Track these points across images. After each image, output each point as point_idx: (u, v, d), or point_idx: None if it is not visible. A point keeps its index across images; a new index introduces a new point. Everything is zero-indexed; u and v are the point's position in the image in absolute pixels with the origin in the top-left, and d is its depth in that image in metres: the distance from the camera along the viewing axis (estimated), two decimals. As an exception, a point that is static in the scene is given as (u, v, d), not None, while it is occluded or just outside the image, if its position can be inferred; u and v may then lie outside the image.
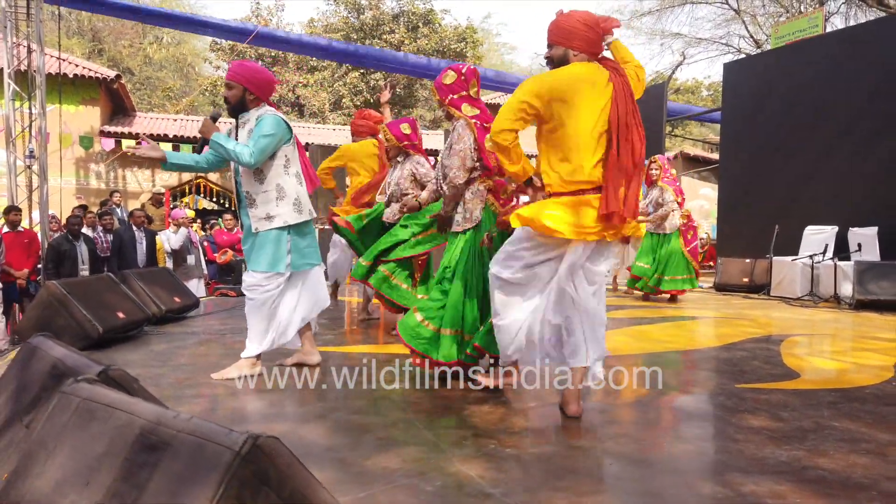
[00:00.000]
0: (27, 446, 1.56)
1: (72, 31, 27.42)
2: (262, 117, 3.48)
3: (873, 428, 2.71)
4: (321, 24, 25.61)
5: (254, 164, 3.39)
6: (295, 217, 3.55)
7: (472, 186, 3.51)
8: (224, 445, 1.13)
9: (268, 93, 3.61)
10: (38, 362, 1.94)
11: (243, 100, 3.53)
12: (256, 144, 3.38)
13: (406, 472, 2.16)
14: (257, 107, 3.56)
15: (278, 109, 3.67)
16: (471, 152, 3.41)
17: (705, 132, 31.56)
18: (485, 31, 33.19)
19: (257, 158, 3.39)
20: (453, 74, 3.56)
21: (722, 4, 22.43)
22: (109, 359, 4.02)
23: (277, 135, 3.44)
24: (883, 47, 8.55)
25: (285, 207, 3.52)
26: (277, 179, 3.52)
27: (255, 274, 3.54)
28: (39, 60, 9.36)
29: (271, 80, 3.64)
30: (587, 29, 2.78)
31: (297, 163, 3.64)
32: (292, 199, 3.54)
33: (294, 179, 3.58)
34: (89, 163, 15.71)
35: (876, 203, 8.37)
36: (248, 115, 3.56)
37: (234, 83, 3.52)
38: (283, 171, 3.54)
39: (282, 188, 3.52)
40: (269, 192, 3.51)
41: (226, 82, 3.57)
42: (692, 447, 2.52)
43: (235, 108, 3.56)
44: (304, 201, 3.61)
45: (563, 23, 2.81)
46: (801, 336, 5.36)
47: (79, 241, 7.71)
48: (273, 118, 3.46)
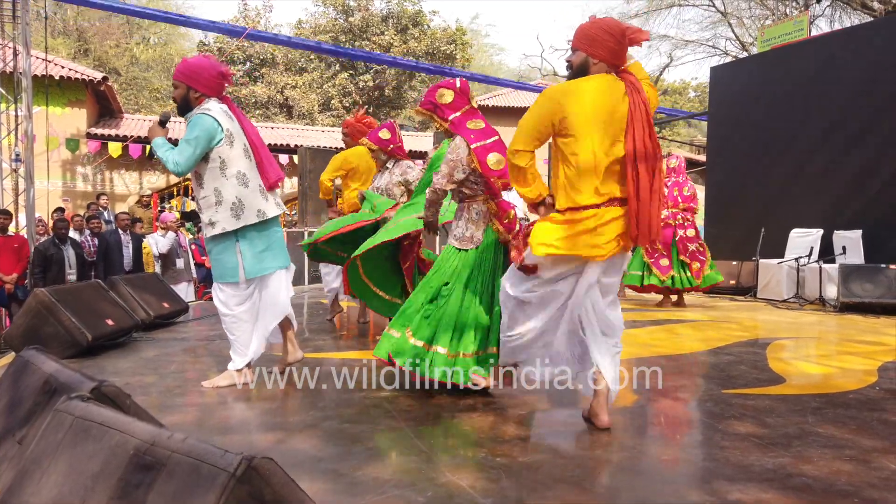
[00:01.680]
0: (21, 464, 1.56)
1: (57, 31, 27.17)
2: (190, 119, 3.35)
3: (857, 434, 2.76)
4: (309, 26, 25.55)
5: (179, 171, 3.28)
6: (232, 223, 3.39)
7: (476, 206, 3.45)
8: (219, 467, 1.15)
9: (215, 88, 3.45)
10: (30, 377, 1.95)
11: (188, 98, 3.41)
12: (179, 152, 3.27)
13: (397, 482, 2.18)
14: (200, 105, 3.42)
15: (232, 105, 3.51)
16: (461, 165, 3.36)
17: (693, 133, 31.76)
18: (474, 31, 33.21)
19: (182, 167, 3.27)
20: (450, 92, 3.49)
21: (708, 7, 22.61)
22: (99, 367, 4.02)
23: (201, 137, 3.28)
24: (867, 51, 8.65)
25: (223, 213, 3.38)
26: (214, 183, 3.38)
27: (217, 291, 3.52)
28: (25, 63, 9.29)
29: (219, 73, 3.46)
30: (611, 38, 2.72)
31: (240, 162, 3.42)
32: (230, 203, 3.38)
33: (233, 182, 3.38)
34: (76, 165, 15.61)
35: (860, 206, 8.47)
36: (190, 115, 3.41)
37: (177, 82, 3.41)
38: (219, 174, 3.37)
39: (219, 192, 3.38)
40: (208, 198, 3.40)
41: (172, 83, 3.48)
42: (680, 454, 2.55)
43: (182, 108, 3.45)
44: (249, 203, 3.41)
45: (589, 29, 2.76)
46: (786, 339, 5.42)
47: (66, 244, 7.68)
48: (199, 118, 3.31)
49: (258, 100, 23.85)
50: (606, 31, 2.73)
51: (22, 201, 9.39)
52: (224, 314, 3.54)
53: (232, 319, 3.53)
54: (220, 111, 3.40)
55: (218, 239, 3.45)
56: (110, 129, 15.92)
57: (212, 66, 3.47)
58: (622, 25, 2.77)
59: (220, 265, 3.49)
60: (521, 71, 34.21)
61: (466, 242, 3.43)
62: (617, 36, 2.73)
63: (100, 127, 16.01)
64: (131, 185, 16.04)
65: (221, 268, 3.48)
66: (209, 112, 3.36)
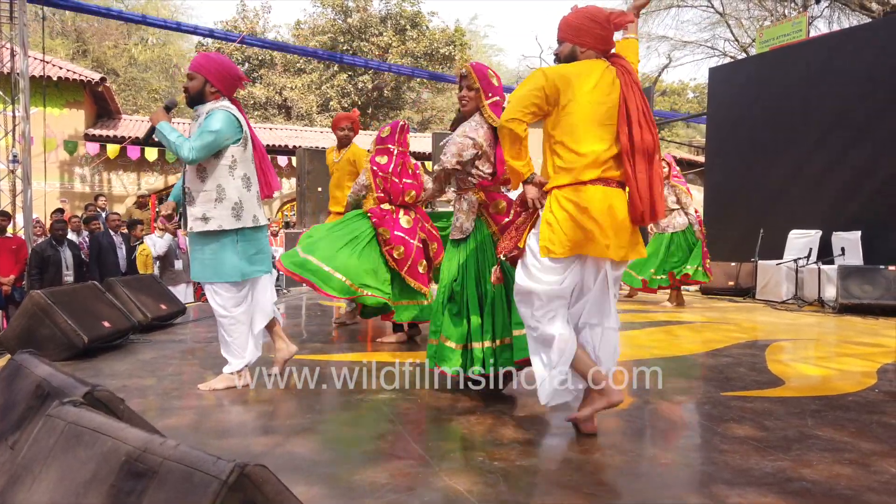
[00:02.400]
0: (12, 469, 1.55)
1: (55, 31, 27.16)
2: (212, 111, 3.32)
3: (856, 437, 2.75)
4: (308, 27, 25.54)
5: (192, 159, 3.25)
6: (232, 222, 3.38)
7: (467, 196, 3.48)
8: (211, 474, 1.13)
9: (231, 87, 3.46)
10: (22, 381, 1.93)
11: (202, 91, 3.39)
12: (199, 139, 3.23)
13: (394, 486, 2.17)
14: (216, 101, 3.41)
15: (241, 108, 3.51)
16: (471, 147, 3.36)
17: (692, 134, 31.77)
18: (472, 32, 33.18)
19: (197, 154, 3.24)
20: (496, 79, 3.53)
21: (707, 8, 22.62)
22: (96, 369, 4.00)
23: (224, 132, 3.28)
24: (865, 52, 8.65)
25: (223, 211, 3.37)
26: (220, 180, 3.37)
27: (214, 294, 3.47)
28: (23, 64, 9.28)
29: (238, 75, 3.48)
30: (596, 25, 2.71)
31: (248, 166, 3.46)
32: (232, 202, 3.38)
33: (238, 182, 3.40)
34: (74, 166, 15.59)
35: (859, 207, 8.47)
36: (203, 108, 3.41)
37: (195, 73, 3.39)
38: (227, 172, 3.38)
39: (223, 189, 3.37)
40: (209, 192, 3.37)
41: (187, 73, 3.45)
42: (679, 458, 2.54)
43: (194, 99, 3.41)
44: (248, 207, 3.43)
45: (572, 19, 2.76)
46: (785, 341, 5.41)
47: (63, 246, 7.66)
48: (224, 114, 3.31)
49: (256, 101, 23.85)
50: (591, 18, 2.72)
51: (19, 202, 9.37)
52: (223, 316, 3.50)
53: (231, 321, 3.51)
54: (238, 113, 3.42)
55: (212, 236, 3.41)
56: (108, 130, 15.91)
57: (232, 65, 3.50)
58: (605, 11, 2.76)
59: (218, 264, 3.43)
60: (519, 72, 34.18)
61: (457, 232, 3.49)
62: (602, 22, 2.72)
63: (98, 128, 16.00)
64: (129, 186, 16.02)
65: (219, 267, 3.43)
66: (231, 110, 3.36)
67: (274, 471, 1.21)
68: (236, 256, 3.44)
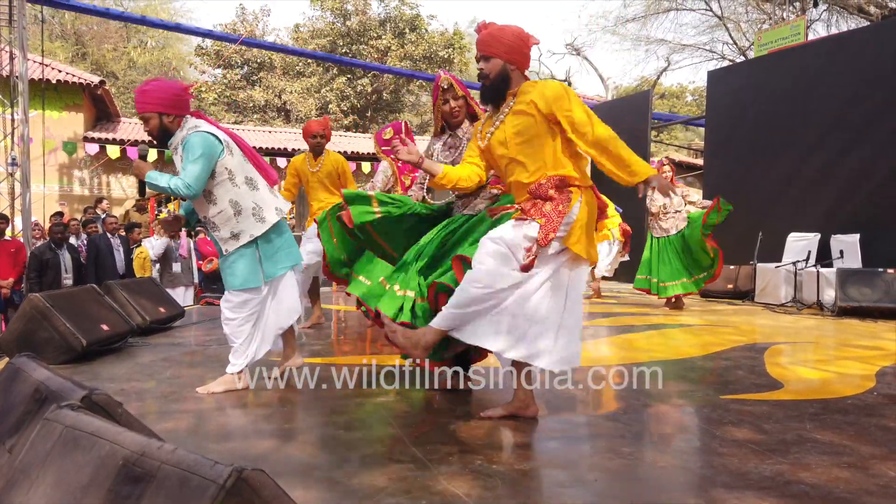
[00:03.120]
0: (9, 473, 1.55)
1: (55, 34, 27.19)
2: (186, 140, 3.26)
3: (855, 441, 2.74)
4: (307, 30, 25.56)
5: (194, 193, 3.22)
6: (259, 228, 3.40)
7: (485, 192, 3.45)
8: (208, 479, 1.13)
9: (184, 105, 3.37)
10: (20, 384, 1.93)
11: (164, 126, 3.33)
12: (189, 173, 3.18)
13: (392, 491, 2.16)
14: (181, 126, 3.35)
15: (205, 117, 3.45)
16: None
17: (690, 137, 31.81)
18: (471, 35, 33.24)
19: (196, 186, 3.21)
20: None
21: (706, 11, 22.67)
22: (94, 372, 4.00)
23: (207, 154, 3.23)
24: (863, 55, 8.67)
25: (247, 221, 3.38)
26: (228, 196, 3.36)
27: (231, 297, 3.46)
28: (22, 67, 9.29)
29: (182, 88, 3.38)
30: (524, 44, 2.73)
31: (244, 168, 3.43)
32: (250, 210, 3.39)
33: (245, 188, 3.39)
34: (73, 169, 15.58)
35: (858, 210, 8.49)
36: (175, 139, 3.34)
37: (148, 114, 3.29)
38: (230, 186, 3.36)
39: (237, 203, 3.37)
40: (224, 211, 3.36)
41: (139, 116, 3.35)
42: (677, 461, 2.54)
43: (160, 137, 3.35)
44: (265, 205, 3.43)
45: (500, 35, 2.72)
46: (784, 344, 5.41)
47: (62, 249, 7.65)
48: (197, 136, 3.24)
49: (256, 104, 23.85)
50: (519, 36, 2.74)
51: (18, 205, 9.37)
52: (231, 319, 3.48)
53: (238, 323, 3.48)
54: (207, 125, 3.37)
55: (239, 248, 3.41)
56: (107, 133, 15.90)
57: (172, 84, 3.39)
58: (525, 30, 2.79)
59: (243, 272, 3.41)
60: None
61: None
62: (527, 41, 2.76)
63: (97, 131, 15.98)
64: (128, 189, 16.01)
65: (243, 275, 3.41)
66: (201, 129, 3.31)
67: (272, 474, 1.21)
68: (257, 262, 3.44)
